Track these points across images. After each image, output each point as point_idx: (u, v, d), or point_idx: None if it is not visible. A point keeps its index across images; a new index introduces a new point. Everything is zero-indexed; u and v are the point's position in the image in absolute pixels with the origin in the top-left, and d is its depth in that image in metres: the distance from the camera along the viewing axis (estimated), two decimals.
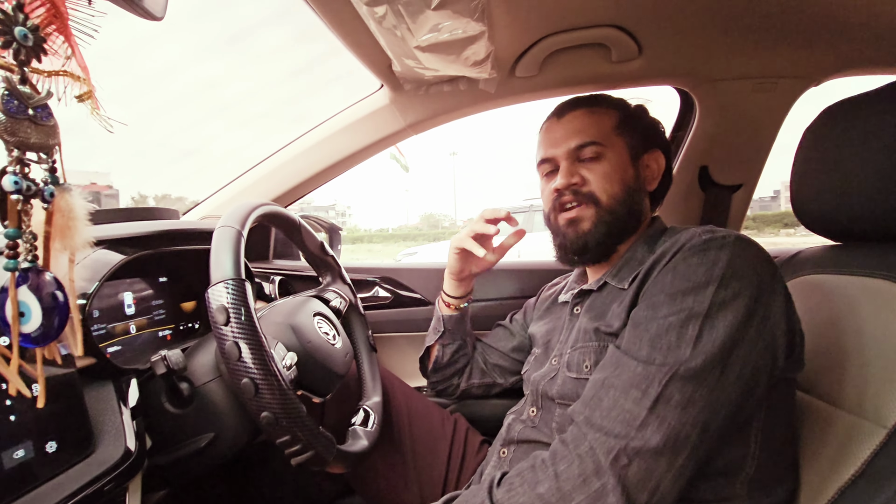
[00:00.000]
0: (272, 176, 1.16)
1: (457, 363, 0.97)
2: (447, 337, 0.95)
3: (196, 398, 0.64)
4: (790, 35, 0.89)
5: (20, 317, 0.32)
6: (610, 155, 0.71)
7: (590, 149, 0.71)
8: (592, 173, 0.71)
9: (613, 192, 0.70)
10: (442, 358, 0.95)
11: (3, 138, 0.31)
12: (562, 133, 0.74)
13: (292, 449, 0.56)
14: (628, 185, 0.71)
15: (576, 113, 0.74)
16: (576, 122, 0.73)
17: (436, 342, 0.96)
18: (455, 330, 0.95)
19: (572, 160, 0.72)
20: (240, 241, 0.59)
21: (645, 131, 0.75)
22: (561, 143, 0.73)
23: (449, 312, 0.95)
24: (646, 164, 0.75)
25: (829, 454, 0.56)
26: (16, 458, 0.43)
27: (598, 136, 0.71)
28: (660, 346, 0.52)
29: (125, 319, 0.77)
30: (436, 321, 0.97)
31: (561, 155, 0.73)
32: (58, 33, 0.36)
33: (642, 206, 0.73)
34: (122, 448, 0.52)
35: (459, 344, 0.95)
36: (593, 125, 0.72)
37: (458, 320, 0.95)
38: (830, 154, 0.64)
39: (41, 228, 0.34)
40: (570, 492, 0.48)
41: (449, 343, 0.95)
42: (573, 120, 0.74)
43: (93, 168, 21.62)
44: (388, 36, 0.72)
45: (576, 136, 0.72)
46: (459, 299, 0.94)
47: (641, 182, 0.74)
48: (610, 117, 0.73)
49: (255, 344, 0.52)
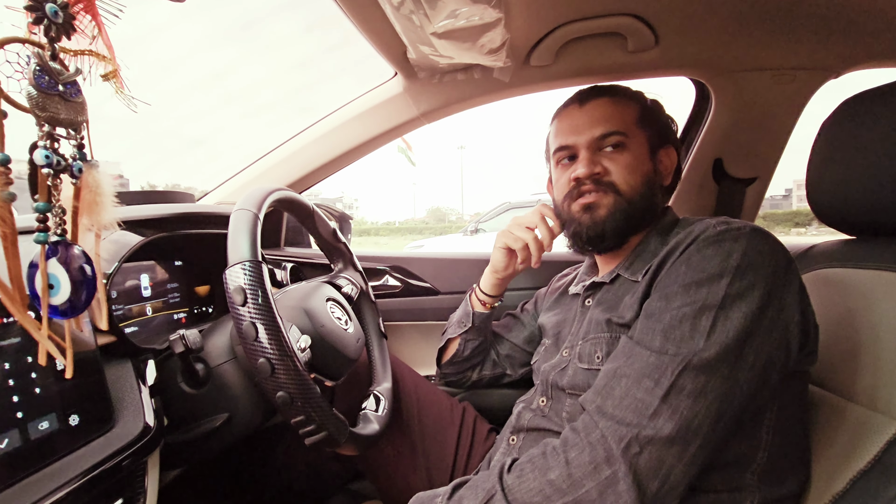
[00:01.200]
0: (285, 163, 1.16)
1: (474, 358, 0.97)
2: (472, 333, 0.94)
3: (211, 379, 0.66)
4: (811, 26, 0.87)
5: (49, 289, 0.33)
6: (633, 146, 0.70)
7: (613, 138, 0.70)
8: (615, 163, 0.70)
9: (634, 184, 0.69)
10: (462, 352, 0.95)
11: (35, 113, 0.31)
12: (585, 120, 0.72)
13: (306, 429, 0.56)
14: (648, 177, 0.71)
15: (600, 101, 0.73)
16: (600, 111, 0.72)
17: (458, 336, 0.95)
18: (481, 327, 0.94)
19: (594, 149, 0.71)
20: (256, 224, 0.59)
21: (661, 127, 0.75)
22: (584, 130, 0.71)
23: (481, 310, 0.94)
24: (660, 160, 0.74)
25: (840, 447, 0.56)
26: (41, 429, 0.44)
27: (622, 127, 0.70)
28: (673, 337, 0.52)
29: (142, 301, 0.78)
30: (464, 315, 0.95)
31: (583, 143, 0.71)
32: (85, 12, 0.37)
33: (658, 199, 0.73)
34: (142, 424, 0.53)
35: (481, 340, 0.95)
36: (618, 115, 0.71)
37: (487, 318, 0.94)
38: (847, 147, 0.64)
39: (69, 203, 0.35)
40: (580, 478, 0.49)
41: (472, 339, 0.95)
42: (597, 108, 0.72)
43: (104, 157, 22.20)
44: (404, 22, 0.72)
45: (600, 124, 0.70)
46: (494, 298, 0.93)
47: (659, 176, 0.74)
48: (633, 109, 0.73)
49: (271, 325, 0.53)
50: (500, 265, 0.87)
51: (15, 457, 0.42)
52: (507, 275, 0.89)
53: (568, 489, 0.49)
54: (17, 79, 0.31)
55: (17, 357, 0.44)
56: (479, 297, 0.94)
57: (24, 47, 0.32)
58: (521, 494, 0.51)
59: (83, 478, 0.44)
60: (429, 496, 0.59)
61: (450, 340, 0.97)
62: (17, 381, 0.43)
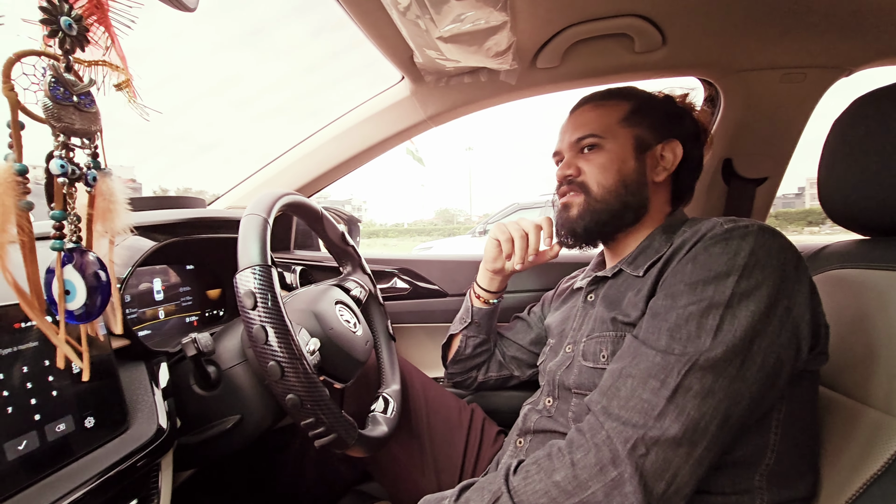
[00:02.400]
0: (294, 167, 1.18)
1: (477, 357, 0.97)
2: (472, 329, 0.95)
3: (222, 381, 0.66)
4: (821, 23, 0.86)
5: (65, 295, 0.34)
6: (609, 146, 0.73)
7: (588, 140, 0.74)
8: (589, 164, 0.74)
9: (606, 183, 0.72)
10: (464, 349, 0.96)
11: (50, 123, 0.32)
12: (569, 126, 0.77)
13: (316, 431, 0.57)
14: (625, 176, 0.72)
15: (584, 108, 0.78)
16: (582, 117, 0.76)
17: (460, 332, 0.96)
18: (481, 324, 0.95)
19: (574, 152, 0.76)
20: (266, 228, 0.60)
21: (661, 120, 0.74)
22: (566, 136, 0.77)
23: (479, 305, 0.95)
24: (658, 155, 0.73)
25: (853, 450, 0.55)
26: (58, 431, 0.45)
27: (597, 129, 0.73)
28: (679, 336, 0.51)
29: (154, 305, 0.80)
30: (464, 311, 0.97)
31: (565, 147, 0.77)
32: (98, 24, 0.38)
33: (642, 197, 0.72)
34: (155, 426, 0.54)
35: (483, 339, 0.96)
36: (596, 119, 0.75)
37: (487, 315, 0.95)
38: (860, 146, 0.63)
39: (84, 211, 0.36)
40: (586, 480, 0.48)
41: (473, 336, 0.95)
42: (580, 115, 0.77)
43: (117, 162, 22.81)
44: (410, 27, 0.73)
45: (578, 129, 0.75)
46: (490, 294, 0.94)
47: (644, 174, 0.73)
48: (618, 110, 0.74)
49: (281, 328, 0.54)
50: (488, 255, 0.89)
51: (33, 458, 0.43)
52: (497, 269, 0.89)
53: (574, 491, 0.49)
54: (34, 90, 0.32)
55: (34, 361, 0.45)
56: (476, 292, 0.95)
57: (40, 60, 0.33)
58: (527, 496, 0.51)
59: (99, 478, 0.45)
60: (436, 498, 0.59)
61: (452, 337, 0.99)
62: (35, 385, 0.44)
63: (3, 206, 0.30)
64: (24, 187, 0.31)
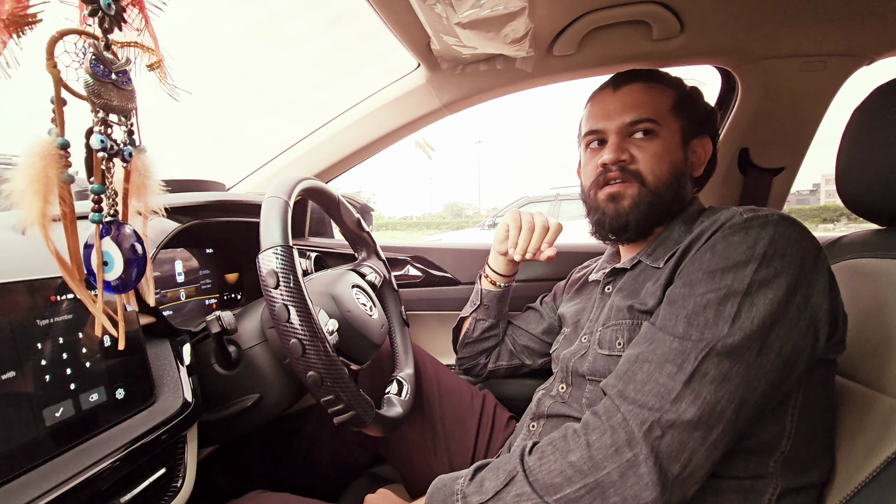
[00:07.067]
0: (310, 154, 1.19)
1: (486, 341, 0.98)
2: (481, 312, 0.96)
3: (243, 361, 0.68)
4: (842, 10, 0.85)
5: (104, 265, 0.35)
6: (663, 135, 0.69)
7: (644, 125, 0.69)
8: (643, 152, 0.69)
9: (661, 174, 0.69)
10: (472, 332, 0.97)
11: (91, 99, 0.33)
12: (617, 106, 0.71)
13: (335, 408, 0.58)
14: (677, 168, 0.70)
15: (634, 86, 0.72)
16: (633, 96, 0.71)
17: (469, 315, 0.97)
18: (491, 307, 0.96)
19: (623, 136, 0.71)
20: (287, 210, 0.61)
21: (698, 115, 0.73)
22: (615, 116, 0.71)
23: (488, 286, 0.96)
24: (693, 150, 0.73)
25: (868, 436, 0.55)
26: (91, 400, 0.47)
27: (654, 114, 0.69)
28: (696, 323, 0.52)
29: (176, 286, 0.82)
30: (474, 293, 0.98)
31: (612, 129, 0.71)
32: (133, 5, 0.39)
33: (686, 190, 0.72)
34: (181, 400, 0.56)
35: (492, 323, 0.97)
36: (651, 102, 0.70)
37: (497, 298, 0.96)
38: (880, 135, 0.62)
39: (120, 186, 0.37)
40: (601, 461, 0.49)
41: (482, 319, 0.96)
42: (630, 93, 0.71)
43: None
44: (428, 13, 0.73)
45: (632, 110, 0.70)
46: (501, 276, 0.95)
47: (689, 167, 0.72)
48: (668, 96, 0.71)
49: (302, 307, 0.55)
50: (498, 236, 0.91)
51: (68, 425, 0.45)
52: (503, 251, 0.90)
53: (589, 471, 0.49)
54: (75, 68, 0.33)
55: (68, 333, 0.46)
56: (486, 273, 0.96)
57: (80, 39, 0.34)
58: (543, 475, 0.51)
59: (130, 446, 0.47)
60: (451, 478, 0.60)
61: (463, 320, 1.00)
62: (70, 356, 0.46)
63: (47, 178, 0.31)
64: (65, 161, 0.32)
